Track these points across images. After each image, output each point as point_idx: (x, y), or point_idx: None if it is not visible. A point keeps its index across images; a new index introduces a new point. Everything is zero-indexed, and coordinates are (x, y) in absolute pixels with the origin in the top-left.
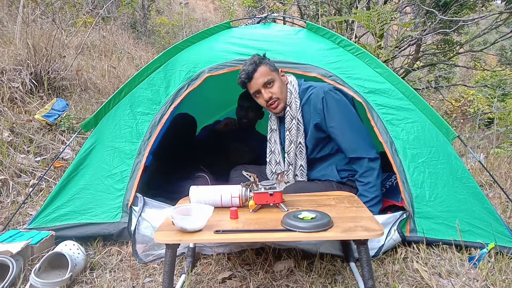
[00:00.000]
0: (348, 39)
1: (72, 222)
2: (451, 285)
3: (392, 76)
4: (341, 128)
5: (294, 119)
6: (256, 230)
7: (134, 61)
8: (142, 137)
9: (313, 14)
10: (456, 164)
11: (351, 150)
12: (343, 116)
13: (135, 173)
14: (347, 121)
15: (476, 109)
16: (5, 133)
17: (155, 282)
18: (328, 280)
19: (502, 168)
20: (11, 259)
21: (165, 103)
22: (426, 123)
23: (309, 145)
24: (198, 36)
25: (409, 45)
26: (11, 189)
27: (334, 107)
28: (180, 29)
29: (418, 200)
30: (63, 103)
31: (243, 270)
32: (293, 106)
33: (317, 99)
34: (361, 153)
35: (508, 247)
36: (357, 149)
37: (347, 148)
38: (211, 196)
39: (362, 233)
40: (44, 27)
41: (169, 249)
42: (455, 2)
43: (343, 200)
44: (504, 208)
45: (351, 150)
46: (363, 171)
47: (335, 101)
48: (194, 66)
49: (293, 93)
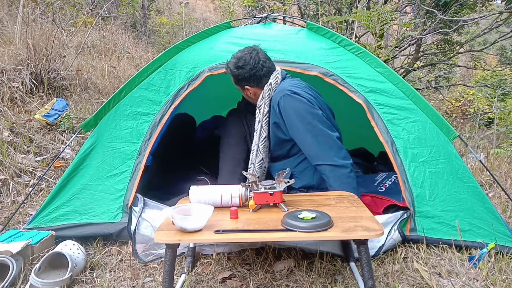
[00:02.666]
0: (348, 39)
1: (72, 222)
2: (451, 285)
3: (393, 75)
4: (300, 136)
5: (260, 123)
6: (256, 230)
7: (134, 61)
8: (142, 137)
9: (313, 14)
10: (457, 164)
11: (313, 157)
12: (301, 123)
13: (135, 173)
14: (305, 128)
15: (476, 109)
16: (5, 133)
17: (155, 282)
18: (328, 280)
19: (502, 168)
20: (11, 259)
21: (165, 103)
22: (426, 123)
23: (271, 142)
24: (198, 36)
25: (409, 45)
26: (11, 189)
27: (291, 115)
28: (180, 29)
29: (418, 199)
30: (63, 103)
31: (243, 270)
32: (261, 110)
33: (275, 101)
34: (323, 160)
35: (508, 247)
36: (318, 156)
37: (309, 155)
38: (211, 196)
39: (362, 233)
40: (44, 27)
41: (169, 249)
42: (455, 2)
43: (343, 200)
44: (504, 208)
45: (313, 157)
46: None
47: (291, 109)
48: (194, 66)
49: (265, 97)
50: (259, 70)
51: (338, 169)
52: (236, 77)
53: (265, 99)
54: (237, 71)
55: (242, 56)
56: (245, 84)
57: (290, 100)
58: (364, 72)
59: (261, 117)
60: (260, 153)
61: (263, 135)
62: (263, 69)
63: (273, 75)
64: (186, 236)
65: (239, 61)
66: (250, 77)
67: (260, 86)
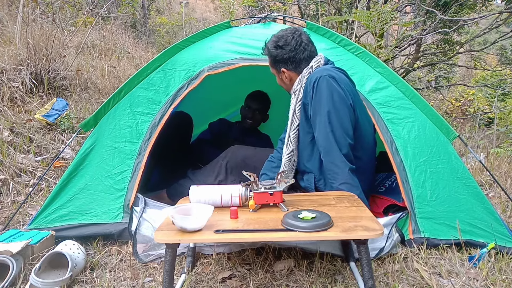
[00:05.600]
0: (348, 38)
1: (72, 223)
2: (451, 284)
3: (393, 75)
4: (319, 121)
5: (293, 110)
6: (256, 230)
7: (134, 60)
8: (142, 137)
9: (313, 14)
10: (457, 164)
11: (324, 152)
12: (325, 105)
13: (135, 173)
14: (326, 115)
15: (476, 109)
16: (5, 133)
17: (155, 282)
18: (328, 279)
19: (502, 168)
20: (11, 259)
21: (165, 103)
22: (426, 123)
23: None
24: (198, 36)
25: (409, 44)
26: (11, 188)
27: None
28: (180, 29)
29: (419, 200)
30: (63, 102)
31: (243, 270)
32: (296, 95)
33: (310, 81)
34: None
35: (508, 247)
36: (329, 152)
37: (320, 145)
38: (211, 196)
39: (362, 233)
40: (44, 27)
41: (169, 248)
42: (455, 2)
43: (343, 199)
44: (504, 208)
45: (324, 151)
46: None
47: (326, 89)
48: (194, 66)
49: (302, 82)
50: (300, 53)
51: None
52: (273, 57)
53: (302, 82)
54: (276, 51)
55: (283, 36)
56: (283, 66)
57: (328, 82)
58: (363, 72)
59: (295, 102)
60: (290, 143)
61: (296, 123)
62: (304, 52)
63: (315, 59)
64: (186, 236)
65: (280, 40)
66: (289, 59)
67: (298, 70)
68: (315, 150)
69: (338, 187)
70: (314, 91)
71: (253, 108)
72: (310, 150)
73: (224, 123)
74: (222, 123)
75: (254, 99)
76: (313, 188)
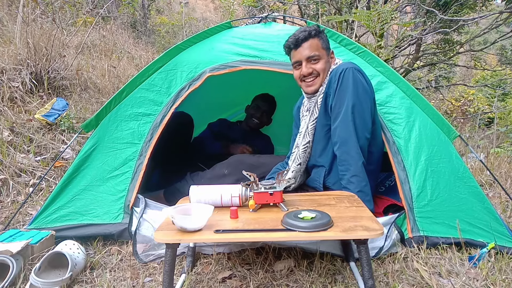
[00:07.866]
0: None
1: (73, 223)
2: (451, 284)
3: (394, 75)
4: (342, 111)
5: (314, 102)
6: (256, 229)
7: (134, 60)
8: (143, 138)
9: (313, 14)
10: (457, 163)
11: (340, 142)
12: (352, 98)
13: (136, 174)
14: (352, 106)
15: (476, 109)
16: (5, 133)
17: (155, 282)
18: (328, 279)
19: (502, 168)
20: (11, 259)
21: (166, 104)
22: (427, 122)
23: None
24: (199, 36)
25: (409, 44)
26: (11, 188)
27: (349, 84)
28: (180, 29)
29: (419, 199)
30: (63, 102)
31: (243, 270)
32: (323, 85)
33: (334, 74)
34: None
35: (508, 247)
36: (345, 143)
37: (338, 135)
38: (211, 196)
39: (362, 232)
40: (44, 27)
41: (169, 248)
42: (455, 2)
43: (343, 199)
44: (504, 208)
45: (341, 141)
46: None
47: (352, 79)
48: (196, 67)
49: (329, 74)
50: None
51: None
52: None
53: (328, 74)
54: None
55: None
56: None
57: (354, 74)
58: (364, 71)
59: (319, 94)
60: (307, 135)
61: (315, 115)
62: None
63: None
64: (186, 236)
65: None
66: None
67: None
68: (329, 144)
69: (349, 179)
70: (339, 82)
71: (262, 109)
72: (325, 144)
73: (224, 123)
74: (222, 123)
75: (265, 101)
76: (321, 182)
